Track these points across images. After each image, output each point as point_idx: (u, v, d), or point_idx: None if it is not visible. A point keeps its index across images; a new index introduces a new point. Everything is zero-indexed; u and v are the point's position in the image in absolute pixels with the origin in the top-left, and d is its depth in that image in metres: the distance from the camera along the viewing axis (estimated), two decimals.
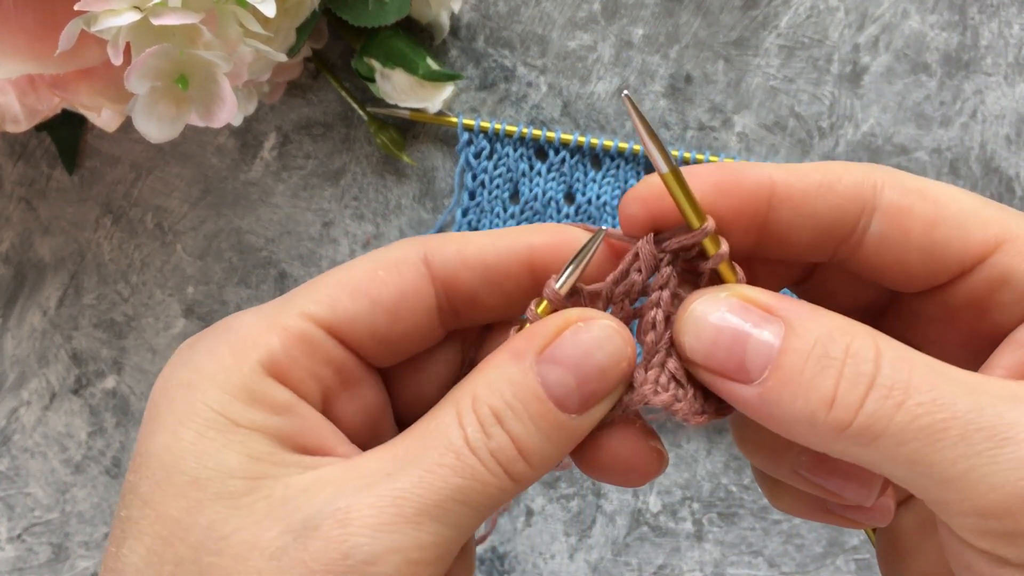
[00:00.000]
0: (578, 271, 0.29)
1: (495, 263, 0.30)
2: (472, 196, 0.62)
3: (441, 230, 0.63)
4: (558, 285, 0.29)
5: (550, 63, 0.62)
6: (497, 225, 0.62)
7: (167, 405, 0.28)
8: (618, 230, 0.31)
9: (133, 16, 0.43)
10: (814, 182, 0.29)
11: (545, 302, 0.30)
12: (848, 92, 0.62)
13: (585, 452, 0.30)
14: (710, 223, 0.29)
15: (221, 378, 0.27)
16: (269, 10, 0.46)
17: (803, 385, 0.26)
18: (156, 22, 0.43)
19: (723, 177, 0.29)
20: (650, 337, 0.29)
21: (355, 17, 0.56)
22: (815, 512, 0.33)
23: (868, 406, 0.25)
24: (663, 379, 0.29)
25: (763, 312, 0.27)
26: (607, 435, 0.30)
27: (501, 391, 0.27)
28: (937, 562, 0.31)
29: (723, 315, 0.27)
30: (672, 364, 0.29)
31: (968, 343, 0.30)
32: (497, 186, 0.61)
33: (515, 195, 0.62)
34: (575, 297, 0.30)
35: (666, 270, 0.30)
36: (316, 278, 0.30)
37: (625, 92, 0.28)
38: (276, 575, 0.25)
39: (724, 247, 0.29)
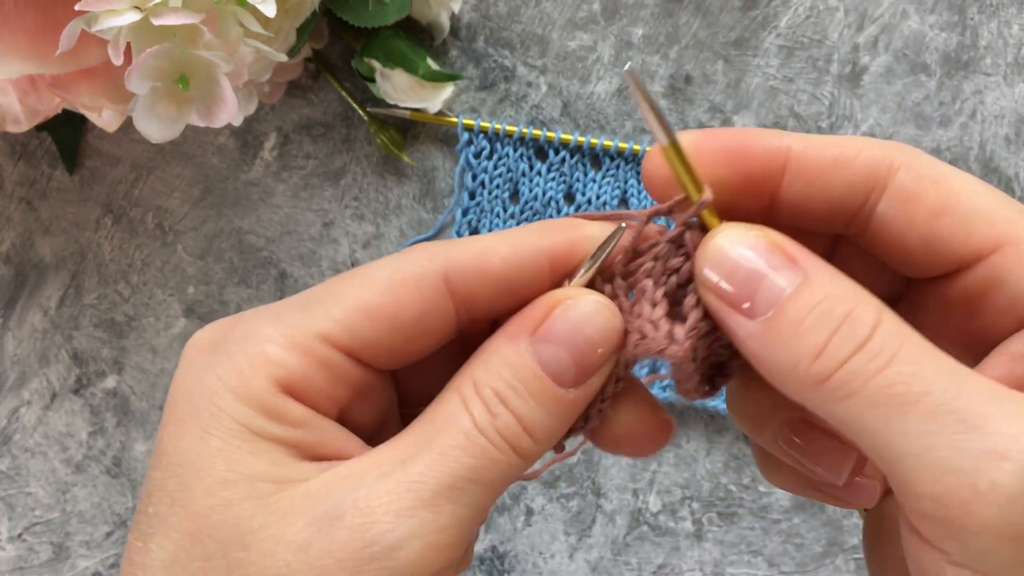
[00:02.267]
0: (592, 271, 0.30)
1: (517, 277, 0.30)
2: (472, 196, 0.62)
3: (441, 230, 0.63)
4: (575, 282, 0.30)
5: (550, 63, 0.62)
6: (497, 225, 0.62)
7: (191, 410, 0.28)
8: (631, 213, 0.31)
9: (133, 16, 0.43)
10: (830, 156, 0.29)
11: None
12: (848, 92, 0.62)
13: (598, 428, 0.31)
14: (707, 195, 0.29)
15: (241, 392, 0.28)
16: (269, 10, 0.46)
17: (799, 332, 0.26)
18: (156, 22, 0.43)
19: (737, 145, 0.30)
20: (645, 292, 0.30)
21: (355, 17, 0.56)
22: (803, 487, 0.34)
23: (851, 363, 0.25)
24: (648, 324, 0.30)
25: (786, 259, 0.27)
26: (617, 410, 0.31)
27: (501, 373, 0.28)
28: None
29: (747, 250, 0.28)
30: (659, 312, 0.30)
31: (959, 341, 0.30)
32: (497, 186, 0.62)
33: (515, 195, 0.62)
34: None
35: (664, 246, 0.30)
36: (334, 285, 0.30)
37: (628, 66, 0.29)
38: (303, 567, 0.26)
39: (707, 194, 0.29)
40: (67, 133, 0.62)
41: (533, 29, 0.62)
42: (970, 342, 0.29)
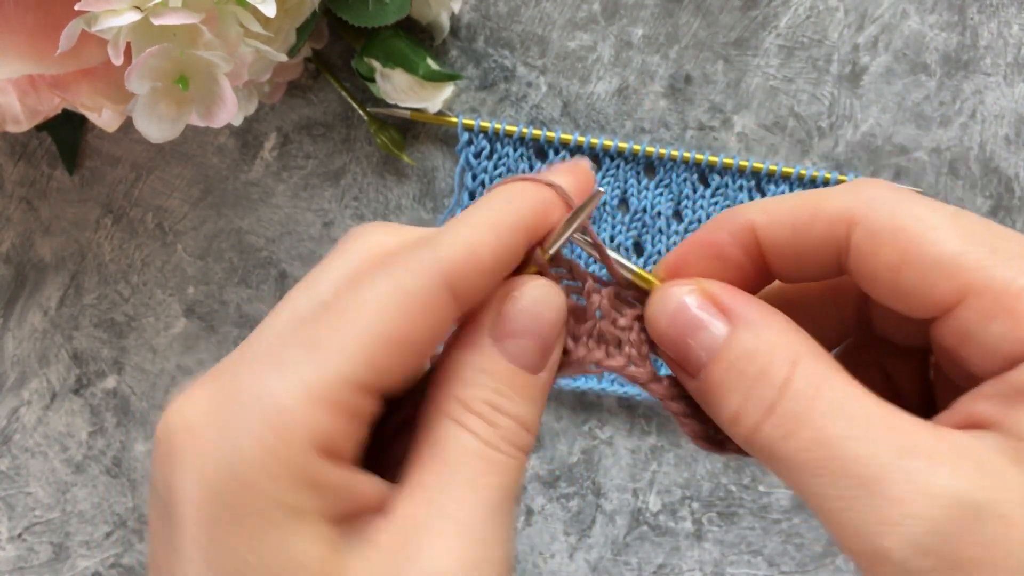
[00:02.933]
0: (566, 236, 0.30)
1: (505, 265, 0.30)
2: (472, 196, 0.62)
3: None
4: (549, 249, 0.30)
5: (550, 63, 0.62)
6: None
7: (219, 507, 0.25)
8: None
9: (133, 16, 0.43)
10: (788, 227, 0.29)
11: (533, 268, 0.31)
12: (847, 92, 0.62)
13: None
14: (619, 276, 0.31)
15: (275, 469, 0.25)
16: (269, 10, 0.46)
17: (721, 395, 0.27)
18: (156, 22, 0.43)
19: (711, 249, 0.30)
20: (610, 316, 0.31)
21: (355, 17, 0.56)
22: None
23: (764, 429, 0.26)
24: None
25: (716, 311, 0.28)
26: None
27: (483, 383, 0.28)
28: None
29: (675, 310, 0.29)
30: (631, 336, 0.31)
31: (960, 379, 0.29)
32: None
33: None
34: (558, 261, 0.31)
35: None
36: (333, 317, 0.27)
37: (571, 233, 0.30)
38: None
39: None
40: (67, 133, 0.62)
41: (533, 29, 0.62)
42: (968, 382, 0.28)
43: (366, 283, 0.27)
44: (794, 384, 0.26)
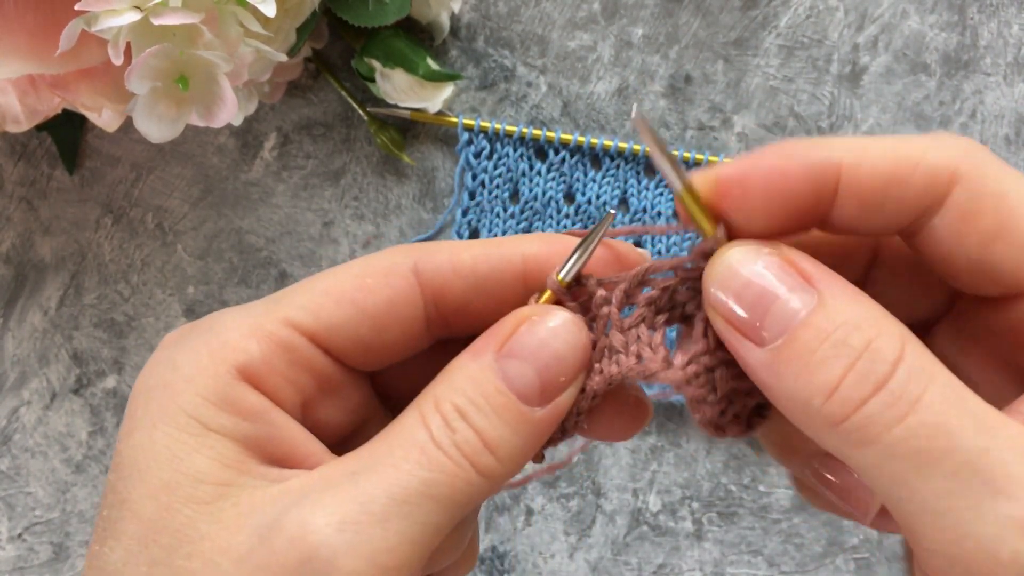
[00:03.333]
0: (583, 260, 0.29)
1: (487, 273, 0.30)
2: (472, 196, 0.62)
3: (441, 230, 0.63)
4: (562, 273, 0.29)
5: (550, 63, 0.62)
6: (497, 225, 0.62)
7: (144, 404, 0.28)
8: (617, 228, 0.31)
9: (133, 16, 0.43)
10: (885, 173, 0.26)
11: (548, 293, 0.30)
12: (848, 92, 0.62)
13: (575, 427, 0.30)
14: (720, 233, 0.28)
15: (197, 380, 0.27)
16: (269, 10, 0.46)
17: (810, 365, 0.24)
18: (156, 22, 0.43)
19: (782, 175, 0.27)
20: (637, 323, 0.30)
21: (355, 17, 0.56)
22: (843, 512, 0.32)
23: (868, 408, 0.23)
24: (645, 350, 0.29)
25: (800, 279, 0.25)
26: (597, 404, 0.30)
27: (463, 389, 0.28)
28: None
29: (758, 269, 0.26)
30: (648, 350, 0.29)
31: (1004, 368, 0.28)
32: (497, 186, 0.62)
33: (515, 195, 0.62)
34: (579, 288, 0.30)
35: (674, 280, 0.30)
36: (306, 280, 0.30)
37: (636, 110, 0.27)
38: None
39: (720, 232, 0.28)
40: (67, 133, 0.62)
41: (533, 29, 0.62)
42: (1016, 371, 0.27)
43: (347, 262, 0.30)
44: (907, 363, 0.23)
